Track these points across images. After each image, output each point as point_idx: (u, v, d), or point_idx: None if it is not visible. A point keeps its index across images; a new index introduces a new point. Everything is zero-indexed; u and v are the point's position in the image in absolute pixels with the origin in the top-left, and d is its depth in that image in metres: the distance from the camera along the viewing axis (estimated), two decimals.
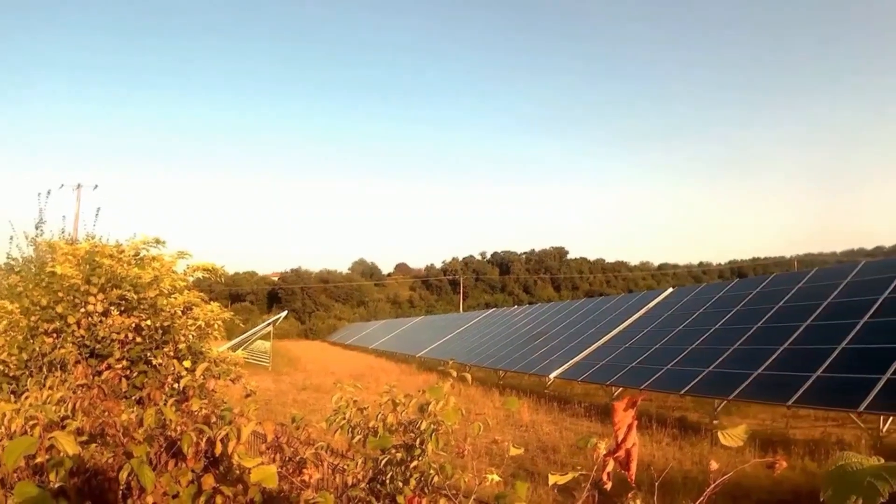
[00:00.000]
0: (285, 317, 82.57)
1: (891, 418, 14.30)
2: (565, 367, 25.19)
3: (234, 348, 31.35)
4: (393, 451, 4.66)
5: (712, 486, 2.82)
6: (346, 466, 5.33)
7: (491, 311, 53.23)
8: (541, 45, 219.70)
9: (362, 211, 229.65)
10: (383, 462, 4.65)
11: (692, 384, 18.18)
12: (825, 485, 1.88)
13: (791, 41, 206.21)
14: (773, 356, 17.45)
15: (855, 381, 14.26)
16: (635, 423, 2.63)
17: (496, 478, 4.62)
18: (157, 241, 8.62)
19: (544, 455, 14.54)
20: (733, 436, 2.69)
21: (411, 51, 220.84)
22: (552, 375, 25.21)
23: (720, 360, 18.97)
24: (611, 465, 2.85)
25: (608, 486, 2.96)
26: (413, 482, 4.48)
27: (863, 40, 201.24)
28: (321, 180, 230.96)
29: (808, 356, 16.51)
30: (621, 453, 2.63)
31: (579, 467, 11.37)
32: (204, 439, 3.74)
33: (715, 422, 17.42)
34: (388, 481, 4.56)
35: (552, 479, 3.19)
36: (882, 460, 1.91)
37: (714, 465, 2.93)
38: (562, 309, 37.15)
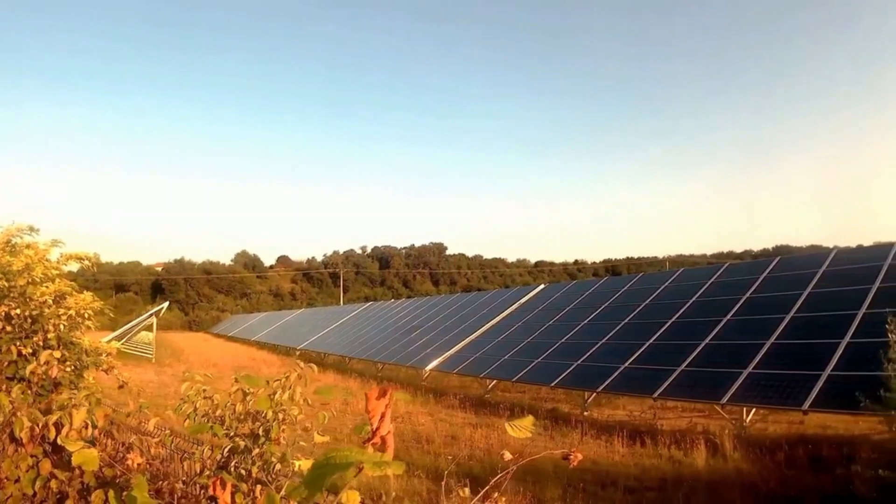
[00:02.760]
0: (169, 308, 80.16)
1: (753, 409, 14.38)
2: (441, 359, 24.81)
3: (117, 339, 29.97)
4: (238, 439, 4.51)
5: (502, 473, 2.92)
6: (193, 454, 5.22)
7: (370, 304, 52.52)
8: (417, 48, 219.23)
9: (245, 203, 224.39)
10: (226, 450, 4.49)
11: (563, 376, 18.04)
12: None
13: (658, 50, 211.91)
14: (640, 350, 17.47)
15: (718, 375, 14.24)
16: (389, 411, 2.53)
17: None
18: (31, 229, 7.84)
19: (419, 445, 14.17)
20: (521, 426, 2.73)
21: (291, 50, 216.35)
22: (428, 368, 24.86)
23: (590, 353, 18.91)
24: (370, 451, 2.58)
25: (367, 472, 2.50)
26: (256, 470, 4.31)
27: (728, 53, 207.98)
28: (205, 172, 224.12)
29: (673, 351, 16.55)
30: (377, 440, 2.50)
31: (450, 456, 10.69)
32: (40, 425, 3.71)
33: (585, 413, 17.35)
34: (233, 469, 4.37)
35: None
36: None
37: (508, 456, 2.97)
38: (438, 303, 36.87)
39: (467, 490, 3.19)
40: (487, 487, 2.97)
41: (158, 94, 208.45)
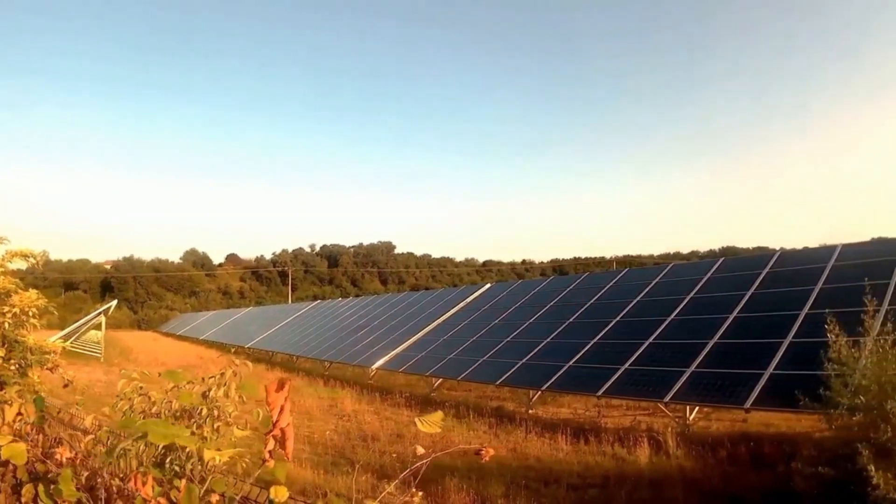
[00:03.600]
0: (118, 307, 78.58)
1: (697, 408, 14.44)
2: (387, 358, 24.58)
3: (66, 338, 29.21)
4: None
5: (412, 467, 2.91)
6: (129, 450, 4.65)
7: (318, 302, 52.14)
8: (368, 46, 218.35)
9: (195, 200, 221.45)
10: (161, 446, 4.07)
11: (508, 375, 17.95)
12: None
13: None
14: (585, 349, 17.43)
15: (662, 373, 14.23)
16: (288, 404, 2.71)
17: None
18: None
19: (364, 444, 14.01)
20: (430, 422, 2.75)
21: (237, 49, 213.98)
22: (375, 366, 24.60)
23: (535, 352, 18.84)
24: (271, 444, 2.93)
25: (270, 463, 3.05)
26: (189, 466, 3.99)
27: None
28: (156, 169, 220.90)
29: (618, 349, 16.52)
30: (277, 432, 2.70)
31: (395, 454, 10.46)
32: None
33: (531, 411, 17.28)
34: (167, 465, 4.09)
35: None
36: None
37: (420, 450, 2.93)
38: (385, 301, 36.58)
39: (419, 493, 3.06)
40: (397, 480, 3.01)
41: (108, 89, 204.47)
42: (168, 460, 4.13)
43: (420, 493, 3.04)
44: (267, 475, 3.03)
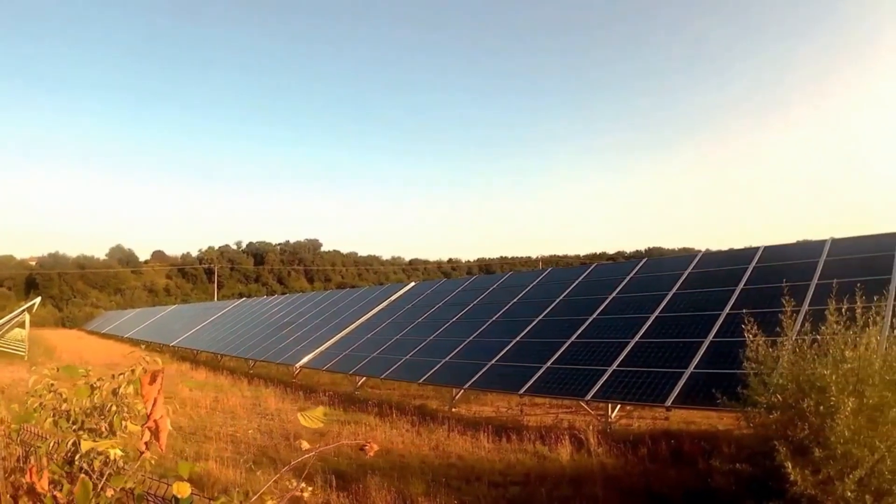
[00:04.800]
0: (42, 304, 76.04)
1: (619, 406, 14.40)
2: (312, 355, 24.18)
3: None
4: (83, 433, 4.31)
5: (296, 461, 3.09)
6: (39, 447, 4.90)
7: (243, 300, 51.37)
8: (294, 47, 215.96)
9: (121, 195, 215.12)
10: (70, 443, 4.31)
11: (430, 373, 17.78)
12: None
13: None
14: (508, 347, 17.35)
15: (584, 372, 14.18)
16: (161, 396, 2.69)
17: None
18: None
19: (287, 442, 13.79)
20: (312, 417, 2.87)
21: (172, 46, 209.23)
22: (299, 364, 24.19)
23: (458, 350, 18.68)
24: (147, 436, 2.92)
25: (147, 454, 3.09)
26: (98, 463, 4.09)
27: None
28: (83, 163, 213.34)
29: (540, 348, 16.45)
30: (151, 424, 2.71)
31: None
32: None
33: (454, 409, 17.15)
34: (76, 462, 4.20)
35: None
36: None
37: (305, 445, 3.05)
38: (310, 299, 36.04)
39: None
40: (278, 475, 3.14)
41: (38, 83, 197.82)
42: (77, 457, 4.15)
43: (310, 489, 3.03)
44: (171, 473, 3.15)
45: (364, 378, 21.31)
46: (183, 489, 2.64)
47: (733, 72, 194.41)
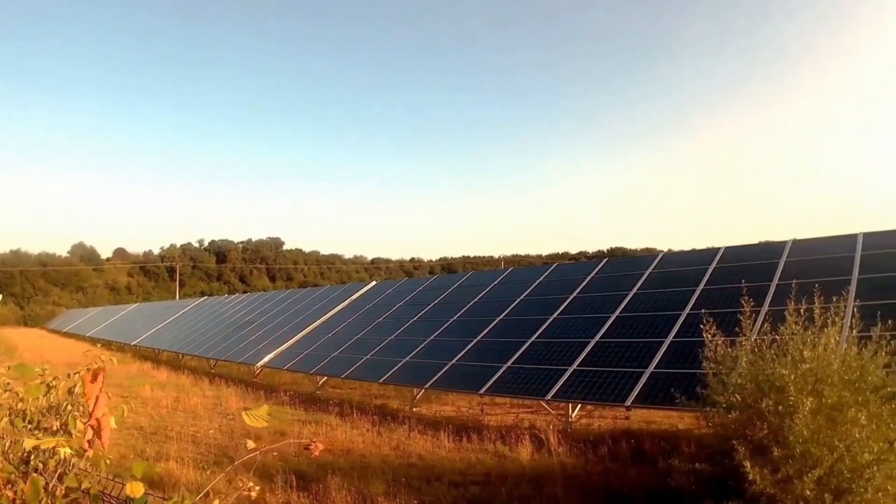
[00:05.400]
0: (3, 302, 74.68)
1: (579, 405, 14.37)
2: (273, 355, 23.89)
3: None
4: (38, 432, 4.24)
5: (241, 460, 4.05)
6: None
7: (205, 298, 50.68)
8: (262, 47, 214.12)
9: (83, 192, 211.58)
10: (24, 443, 3.93)
11: (391, 373, 17.60)
12: None
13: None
14: (469, 347, 17.22)
15: (545, 371, 14.10)
16: (103, 394, 2.67)
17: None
18: None
19: (244, 443, 13.35)
20: (256, 416, 2.80)
21: (123, 41, 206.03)
22: (260, 364, 23.88)
23: (419, 349, 18.52)
24: (89, 434, 2.92)
25: (90, 452, 3.07)
26: (53, 463, 3.91)
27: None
28: (44, 159, 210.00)
29: (501, 347, 16.35)
30: (93, 422, 2.68)
31: (275, 453, 9.78)
32: None
33: (415, 409, 17.01)
34: (30, 461, 4.02)
35: None
36: None
37: (251, 444, 3.05)
38: (272, 297, 35.62)
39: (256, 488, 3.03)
40: (228, 469, 3.34)
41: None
42: (32, 457, 4.01)
43: (258, 488, 3.01)
44: (129, 473, 2.81)
45: (325, 378, 21.06)
46: (136, 489, 2.56)
47: (692, 69, 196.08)
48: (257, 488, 3.00)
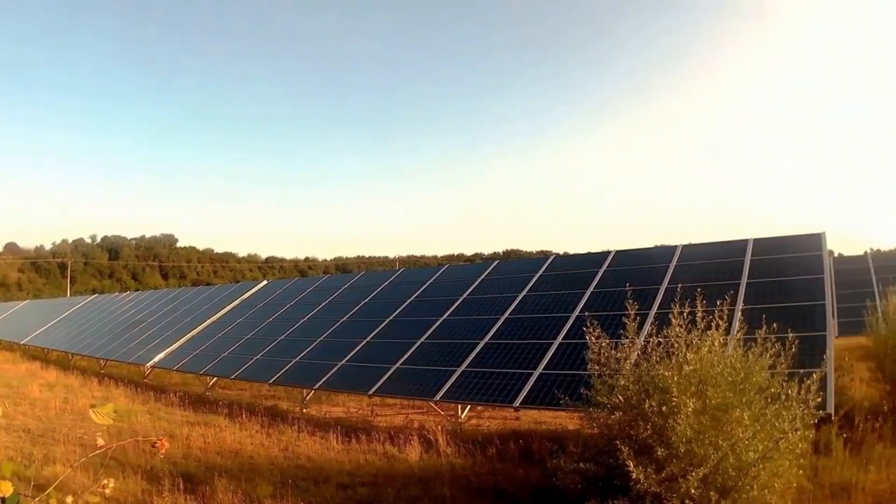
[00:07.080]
0: None
1: (468, 406, 14.19)
2: (163, 355, 22.88)
3: None
4: None
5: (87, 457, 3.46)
6: None
7: (95, 296, 48.40)
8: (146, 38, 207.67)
9: None
10: None
11: (281, 373, 17.14)
12: None
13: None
14: (358, 347, 16.88)
15: (434, 372, 13.88)
16: None
17: None
18: None
19: (136, 445, 12.81)
20: (103, 413, 2.78)
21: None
22: (149, 364, 22.85)
23: (309, 349, 18.07)
24: None
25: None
26: None
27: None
28: None
29: (391, 348, 16.05)
30: None
31: (164, 454, 9.54)
32: None
33: (305, 410, 16.58)
34: None
35: None
36: None
37: (101, 442, 3.00)
38: (164, 296, 34.05)
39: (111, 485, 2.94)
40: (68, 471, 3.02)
41: None
42: None
43: (112, 485, 2.96)
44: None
45: (215, 378, 20.30)
46: (5, 488, 2.50)
47: (616, 61, 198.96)
48: (111, 485, 2.95)
